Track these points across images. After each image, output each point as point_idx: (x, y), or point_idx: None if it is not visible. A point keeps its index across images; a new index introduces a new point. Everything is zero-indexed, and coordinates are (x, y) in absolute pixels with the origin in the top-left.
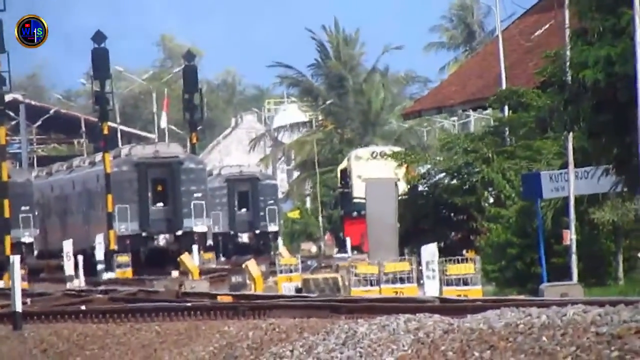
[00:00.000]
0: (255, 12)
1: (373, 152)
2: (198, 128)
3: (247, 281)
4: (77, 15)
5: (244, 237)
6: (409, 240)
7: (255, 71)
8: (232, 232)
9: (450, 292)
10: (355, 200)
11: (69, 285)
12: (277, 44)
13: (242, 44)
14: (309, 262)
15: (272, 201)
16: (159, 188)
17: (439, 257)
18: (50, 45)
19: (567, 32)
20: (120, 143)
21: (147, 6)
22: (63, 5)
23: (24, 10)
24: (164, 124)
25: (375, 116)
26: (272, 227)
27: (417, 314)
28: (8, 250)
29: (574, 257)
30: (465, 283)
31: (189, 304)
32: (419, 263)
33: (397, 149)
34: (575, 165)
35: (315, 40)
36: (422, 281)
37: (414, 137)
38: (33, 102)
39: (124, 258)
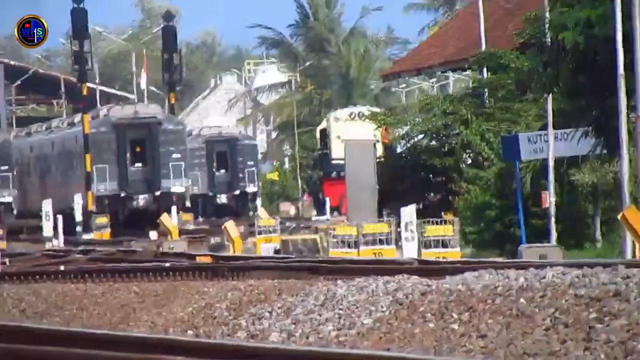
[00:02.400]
0: None
1: (352, 113)
2: (177, 88)
3: (226, 242)
4: None
5: (223, 198)
6: (388, 202)
7: (235, 32)
8: (211, 193)
9: (429, 254)
10: (334, 162)
11: (47, 246)
12: (257, 3)
13: (222, 4)
14: (287, 224)
15: (251, 162)
16: (138, 149)
17: (418, 218)
18: (30, 4)
19: None
20: (99, 103)
21: None
22: None
23: None
24: (143, 84)
25: (354, 77)
26: (251, 188)
27: (396, 276)
28: None
29: (552, 219)
30: (444, 245)
31: (167, 265)
32: (398, 225)
33: (376, 110)
34: (555, 127)
35: (295, 0)
36: (400, 243)
37: (392, 98)
38: (12, 62)
39: (103, 219)
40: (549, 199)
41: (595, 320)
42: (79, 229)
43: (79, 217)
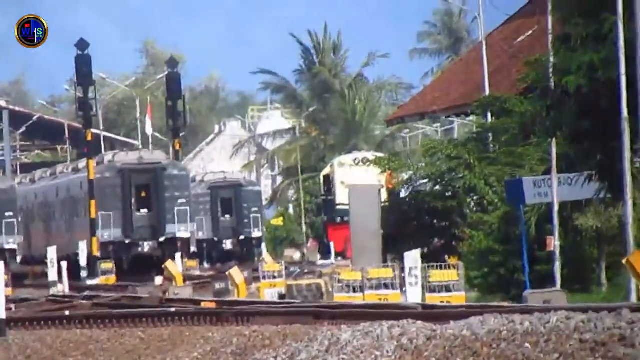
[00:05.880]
0: (240, 17)
1: (356, 159)
2: (181, 134)
3: (231, 287)
4: (62, 19)
5: (228, 244)
6: (392, 247)
7: (239, 77)
8: (215, 239)
9: (433, 299)
10: (338, 207)
11: (52, 291)
12: (261, 49)
13: (226, 50)
14: (292, 269)
15: (255, 208)
16: (143, 194)
17: (422, 263)
18: (34, 50)
19: (550, 38)
20: (103, 149)
21: (130, 10)
22: (52, 10)
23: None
24: (149, 130)
25: (358, 123)
26: (256, 234)
27: (401, 321)
28: None
29: (557, 264)
30: (448, 289)
31: (172, 310)
32: (402, 269)
33: (380, 155)
34: (559, 171)
35: (302, 45)
36: (404, 288)
37: (397, 143)
38: (17, 108)
39: (108, 264)
40: (554, 242)
41: None
42: (84, 274)
43: (83, 262)
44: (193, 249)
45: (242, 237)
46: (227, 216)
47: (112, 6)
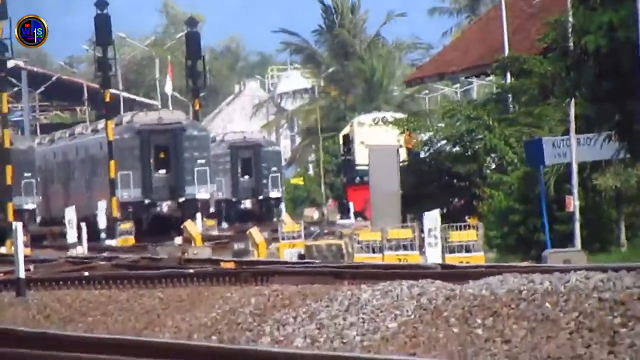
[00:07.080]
0: None
1: (375, 119)
2: (201, 95)
3: (250, 248)
4: None
5: (247, 204)
6: (412, 207)
7: (259, 37)
8: (235, 199)
9: (453, 259)
10: (357, 167)
11: (71, 252)
12: (280, 9)
13: (246, 10)
14: (311, 229)
15: (275, 168)
16: (162, 155)
17: (442, 223)
18: (54, 11)
19: None
20: (122, 110)
21: None
22: None
23: None
24: (169, 90)
25: (377, 83)
26: (275, 194)
27: (420, 280)
28: (11, 217)
29: (577, 224)
30: (468, 250)
31: (191, 270)
32: (422, 230)
33: (399, 115)
34: (578, 132)
35: (323, 4)
36: (424, 248)
37: (416, 103)
38: (35, 69)
39: (127, 225)
40: (574, 202)
41: (620, 325)
42: (103, 235)
43: (102, 223)
44: (212, 209)
45: (261, 197)
46: (247, 176)
47: None
